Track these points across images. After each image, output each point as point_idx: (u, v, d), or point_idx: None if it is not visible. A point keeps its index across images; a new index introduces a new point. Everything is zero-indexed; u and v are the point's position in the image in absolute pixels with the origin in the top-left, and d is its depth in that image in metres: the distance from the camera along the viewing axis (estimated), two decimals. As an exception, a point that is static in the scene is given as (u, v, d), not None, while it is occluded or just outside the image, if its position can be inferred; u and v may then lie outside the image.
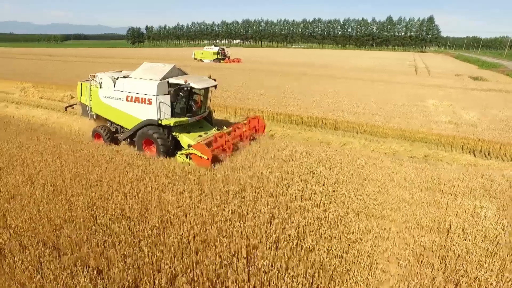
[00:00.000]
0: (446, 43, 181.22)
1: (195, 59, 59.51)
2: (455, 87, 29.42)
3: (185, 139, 11.52)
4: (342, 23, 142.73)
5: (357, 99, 21.53)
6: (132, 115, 12.03)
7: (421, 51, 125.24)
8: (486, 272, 5.78)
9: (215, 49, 58.34)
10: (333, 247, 6.43)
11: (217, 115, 17.97)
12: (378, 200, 8.34)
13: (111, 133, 13.04)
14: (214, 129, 12.69)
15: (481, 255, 6.21)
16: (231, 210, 7.76)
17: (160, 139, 11.33)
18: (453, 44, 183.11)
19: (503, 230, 7.10)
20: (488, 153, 13.65)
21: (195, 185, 9.09)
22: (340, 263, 6.00)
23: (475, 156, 13.34)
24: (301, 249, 6.41)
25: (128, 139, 12.69)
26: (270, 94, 22.72)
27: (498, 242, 6.66)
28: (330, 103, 20.01)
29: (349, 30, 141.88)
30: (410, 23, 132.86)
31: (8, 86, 27.20)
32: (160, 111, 11.28)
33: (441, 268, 5.88)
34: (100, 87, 12.79)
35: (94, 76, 13.19)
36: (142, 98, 11.54)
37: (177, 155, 10.97)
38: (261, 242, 6.60)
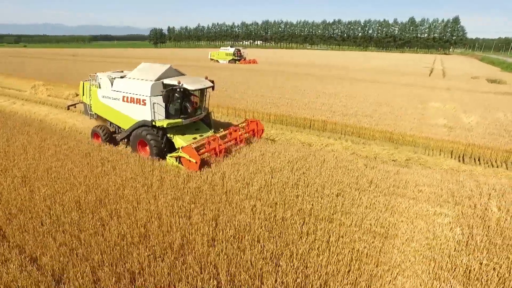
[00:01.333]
0: (474, 45, 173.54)
1: (211, 59, 60.16)
2: (466, 89, 28.23)
3: (178, 141, 11.29)
4: (362, 24, 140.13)
5: (355, 101, 21.10)
6: (128, 115, 11.92)
7: (445, 53, 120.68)
8: (414, 279, 5.55)
9: (231, 50, 58.65)
10: (266, 248, 6.36)
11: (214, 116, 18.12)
12: (333, 203, 8.14)
13: (109, 133, 12.98)
14: (210, 131, 12.35)
15: (415, 262, 5.96)
16: (180, 206, 7.86)
17: (153, 140, 11.08)
18: (482, 45, 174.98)
19: (452, 238, 6.77)
20: (478, 159, 13.02)
21: (156, 181, 9.26)
22: (266, 263, 5.94)
23: (463, 161, 12.78)
24: (237, 248, 6.39)
25: (126, 140, 12.54)
26: (268, 95, 22.68)
27: (441, 250, 6.35)
28: (325, 104, 19.71)
29: (370, 31, 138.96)
30: (434, 24, 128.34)
31: (23, 84, 28.66)
32: (154, 112, 11.05)
33: (365, 274, 5.70)
34: (99, 87, 12.83)
35: (94, 75, 13.27)
36: (137, 99, 11.38)
37: (167, 157, 10.72)
38: (196, 239, 6.64)
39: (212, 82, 12.12)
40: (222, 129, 12.54)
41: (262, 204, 8.01)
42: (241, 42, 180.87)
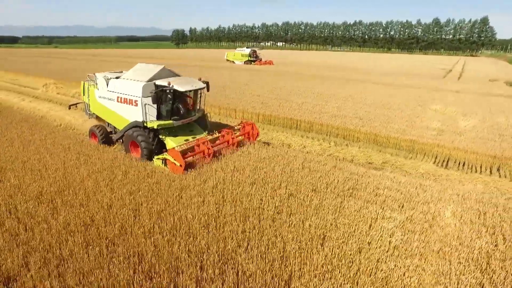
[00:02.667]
0: (506, 46, 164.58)
1: (227, 60, 60.27)
2: (478, 92, 27.02)
3: (169, 142, 11.13)
4: (384, 25, 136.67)
5: (351, 102, 20.77)
6: (122, 116, 11.91)
7: (472, 55, 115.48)
8: (329, 283, 5.50)
9: (247, 51, 58.53)
10: (196, 242, 6.48)
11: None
12: (282, 202, 8.13)
13: (106, 133, 12.97)
14: (204, 133, 12.10)
15: (338, 266, 5.88)
16: (131, 199, 8.14)
17: (144, 142, 10.92)
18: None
19: (389, 243, 6.59)
20: (463, 164, 12.50)
21: (120, 174, 9.59)
22: (189, 257, 6.06)
23: (446, 165, 12.31)
24: (167, 240, 6.55)
25: (121, 140, 12.44)
26: (265, 95, 22.70)
27: (370, 254, 6.21)
28: (318, 105, 19.51)
29: (392, 32, 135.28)
30: (460, 24, 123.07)
31: (38, 82, 30.25)
32: (145, 113, 10.93)
33: (284, 275, 5.70)
34: (96, 87, 12.89)
35: (92, 76, 13.39)
36: (129, 100, 11.34)
37: (154, 158, 10.64)
38: (134, 230, 6.87)
39: (207, 83, 11.97)
40: (216, 131, 12.19)
41: (210, 201, 8.12)
42: (263, 43, 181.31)
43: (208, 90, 12.16)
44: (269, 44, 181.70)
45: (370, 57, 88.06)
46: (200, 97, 12.38)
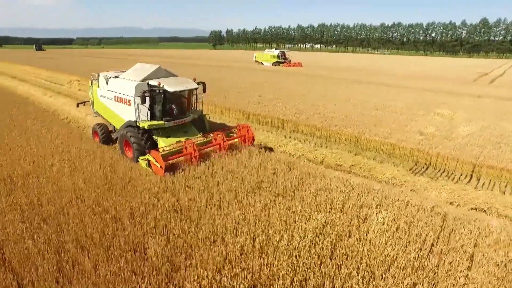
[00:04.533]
0: None
1: (256, 61, 60.24)
2: (499, 97, 24.95)
3: (161, 143, 11.05)
4: (424, 27, 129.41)
5: (348, 104, 20.24)
6: (119, 115, 12.07)
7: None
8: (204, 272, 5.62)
9: (276, 52, 57.77)
10: (118, 227, 6.92)
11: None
12: (219, 196, 8.31)
13: (107, 132, 13.07)
14: (199, 135, 11.81)
15: (232, 260, 5.97)
16: (81, 184, 8.80)
17: (136, 143, 10.79)
18: None
19: (301, 239, 6.53)
20: (444, 170, 11.78)
21: (88, 163, 10.38)
22: (98, 237, 6.49)
23: (425, 171, 11.66)
24: (92, 222, 7.06)
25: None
26: (266, 96, 22.83)
27: (274, 249, 6.22)
28: (314, 106, 19.25)
29: (433, 34, 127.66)
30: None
31: (66, 79, 32.80)
32: (138, 112, 10.94)
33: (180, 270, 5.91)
34: (99, 86, 13.18)
35: (95, 75, 13.68)
36: (124, 99, 11.43)
37: (140, 159, 10.52)
38: (68, 210, 7.48)
39: (203, 84, 11.89)
40: (211, 134, 11.68)
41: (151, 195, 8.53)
42: (300, 45, 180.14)
43: (204, 91, 12.07)
44: (307, 46, 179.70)
45: (403, 60, 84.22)
46: (197, 98, 12.30)
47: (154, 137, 11.29)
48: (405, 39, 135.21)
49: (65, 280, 5.48)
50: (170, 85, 10.64)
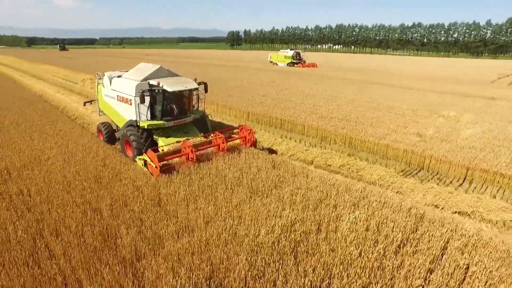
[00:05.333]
0: None
1: (271, 62, 60.13)
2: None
3: (160, 143, 11.11)
4: (446, 27, 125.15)
5: (352, 105, 19.99)
6: (121, 114, 12.12)
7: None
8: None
9: (290, 52, 57.39)
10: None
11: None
12: (198, 192, 8.50)
13: (111, 131, 13.21)
14: (200, 135, 11.73)
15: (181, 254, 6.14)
16: (71, 177, 9.22)
17: (135, 141, 10.85)
18: None
19: (266, 235, 6.61)
20: (437, 173, 11.51)
21: (80, 159, 10.83)
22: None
23: (417, 173, 11.44)
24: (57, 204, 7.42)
25: None
26: (270, 96, 22.90)
27: (231, 245, 6.33)
28: (315, 106, 19.17)
29: (455, 35, 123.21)
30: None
31: (81, 78, 34.00)
32: (138, 112, 10.94)
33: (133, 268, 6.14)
34: (103, 85, 13.32)
35: (100, 74, 13.82)
36: (126, 98, 11.47)
37: (137, 159, 10.47)
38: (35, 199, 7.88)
39: (205, 84, 11.87)
40: (212, 135, 11.55)
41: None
42: (318, 46, 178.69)
43: (206, 92, 12.06)
44: (325, 47, 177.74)
45: (421, 61, 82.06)
46: (198, 98, 12.37)
47: (154, 136, 11.33)
48: (425, 40, 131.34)
49: (34, 265, 5.79)
50: (169, 85, 10.62)
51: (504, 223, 8.13)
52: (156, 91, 10.82)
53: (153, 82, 10.91)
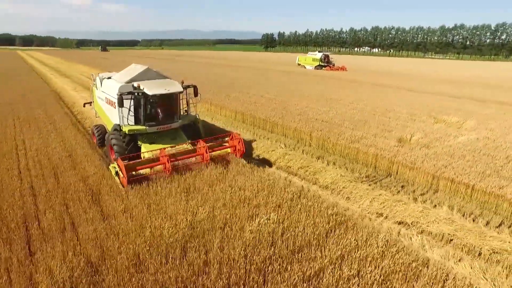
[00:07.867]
0: None
1: (299, 64, 58.82)
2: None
3: (143, 149, 10.37)
4: (493, 28, 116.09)
5: (349, 107, 19.40)
6: (109, 117, 11.63)
7: None
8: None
9: (318, 55, 55.73)
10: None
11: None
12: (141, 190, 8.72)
13: (104, 134, 12.23)
14: (186, 142, 10.77)
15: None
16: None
17: (116, 145, 10.14)
18: None
19: (169, 234, 6.67)
20: (404, 180, 10.81)
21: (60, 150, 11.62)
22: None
23: (381, 180, 10.87)
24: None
25: None
26: (266, 95, 22.84)
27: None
28: (308, 107, 18.83)
29: (503, 37, 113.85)
30: None
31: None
32: (121, 115, 10.23)
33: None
34: (96, 87, 12.98)
35: (94, 75, 13.63)
36: (111, 101, 10.95)
37: (110, 166, 9.67)
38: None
39: (194, 87, 11.11)
40: (200, 141, 10.42)
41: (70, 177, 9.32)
42: (355, 49, 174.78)
43: (196, 95, 11.16)
44: (364, 50, 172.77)
45: (458, 65, 76.98)
46: (188, 102, 11.59)
47: (138, 142, 10.61)
48: (467, 43, 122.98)
49: None
50: (150, 88, 9.86)
51: (442, 235, 7.49)
52: (137, 94, 10.02)
53: (136, 84, 10.18)
